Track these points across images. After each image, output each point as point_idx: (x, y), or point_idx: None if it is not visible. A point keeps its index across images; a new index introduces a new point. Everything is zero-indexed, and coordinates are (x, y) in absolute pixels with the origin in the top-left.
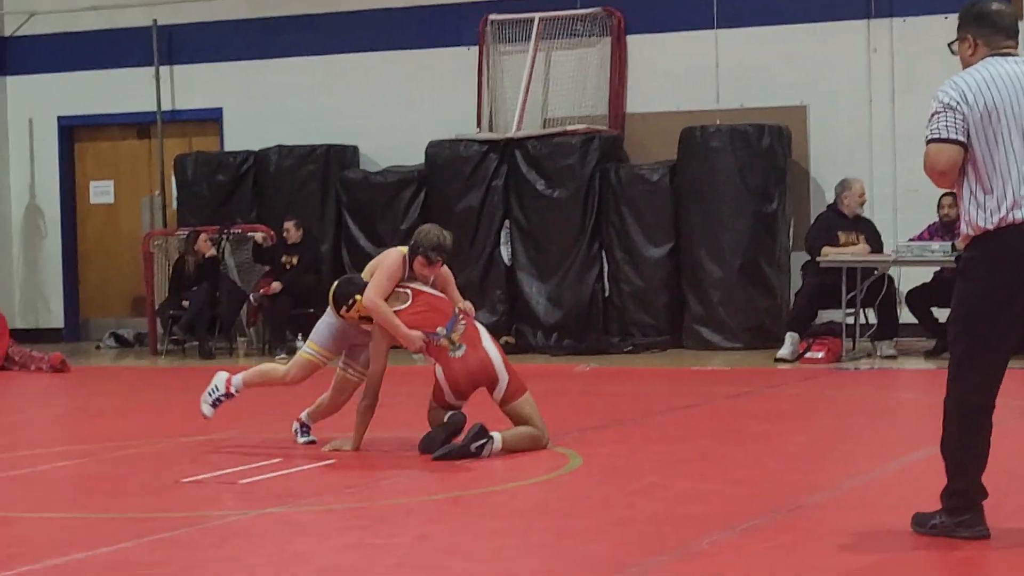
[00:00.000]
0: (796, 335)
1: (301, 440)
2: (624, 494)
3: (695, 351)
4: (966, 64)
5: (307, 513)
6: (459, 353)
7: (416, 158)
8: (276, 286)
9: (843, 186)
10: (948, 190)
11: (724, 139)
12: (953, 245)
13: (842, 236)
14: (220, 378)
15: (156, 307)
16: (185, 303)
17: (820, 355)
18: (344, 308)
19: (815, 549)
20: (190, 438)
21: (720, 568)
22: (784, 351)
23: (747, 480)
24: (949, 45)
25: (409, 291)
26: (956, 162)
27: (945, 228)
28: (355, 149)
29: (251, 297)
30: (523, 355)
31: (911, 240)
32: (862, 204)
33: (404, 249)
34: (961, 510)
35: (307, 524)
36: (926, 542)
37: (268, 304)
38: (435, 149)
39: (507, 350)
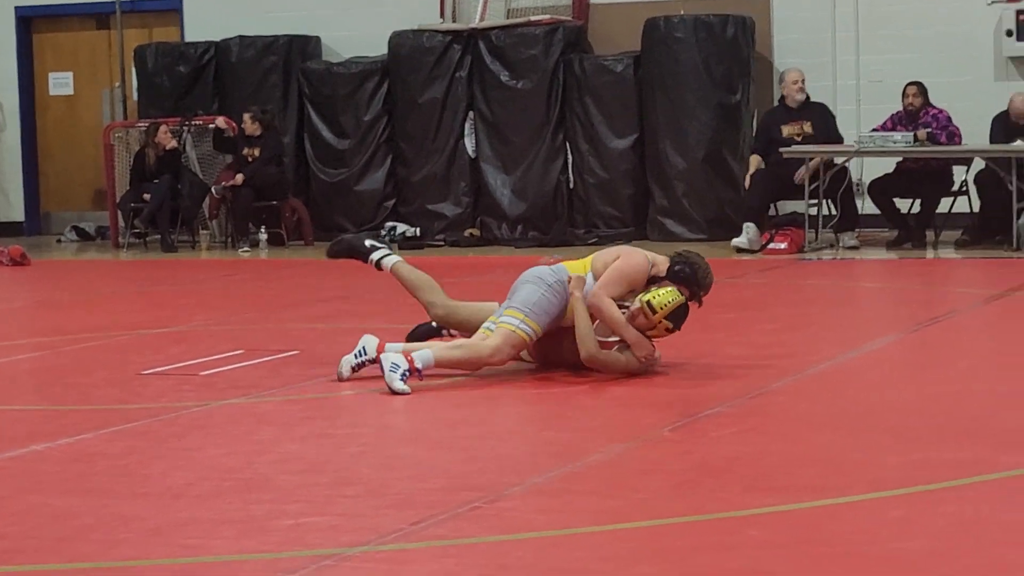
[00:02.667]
0: (753, 225)
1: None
2: (587, 382)
3: (659, 242)
4: None
5: (269, 404)
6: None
7: (379, 49)
8: (239, 178)
9: (780, 78)
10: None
11: (688, 30)
12: (915, 135)
13: (785, 129)
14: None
15: (117, 200)
16: (146, 196)
17: (783, 246)
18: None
19: (777, 434)
20: (151, 331)
21: (682, 454)
22: (741, 239)
23: (711, 368)
24: None
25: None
26: None
27: (909, 117)
28: (317, 40)
29: (213, 189)
30: (488, 247)
31: (874, 130)
32: (800, 91)
33: (652, 258)
34: None
35: (269, 414)
36: (887, 424)
37: (231, 196)
38: (398, 40)
39: (472, 243)
